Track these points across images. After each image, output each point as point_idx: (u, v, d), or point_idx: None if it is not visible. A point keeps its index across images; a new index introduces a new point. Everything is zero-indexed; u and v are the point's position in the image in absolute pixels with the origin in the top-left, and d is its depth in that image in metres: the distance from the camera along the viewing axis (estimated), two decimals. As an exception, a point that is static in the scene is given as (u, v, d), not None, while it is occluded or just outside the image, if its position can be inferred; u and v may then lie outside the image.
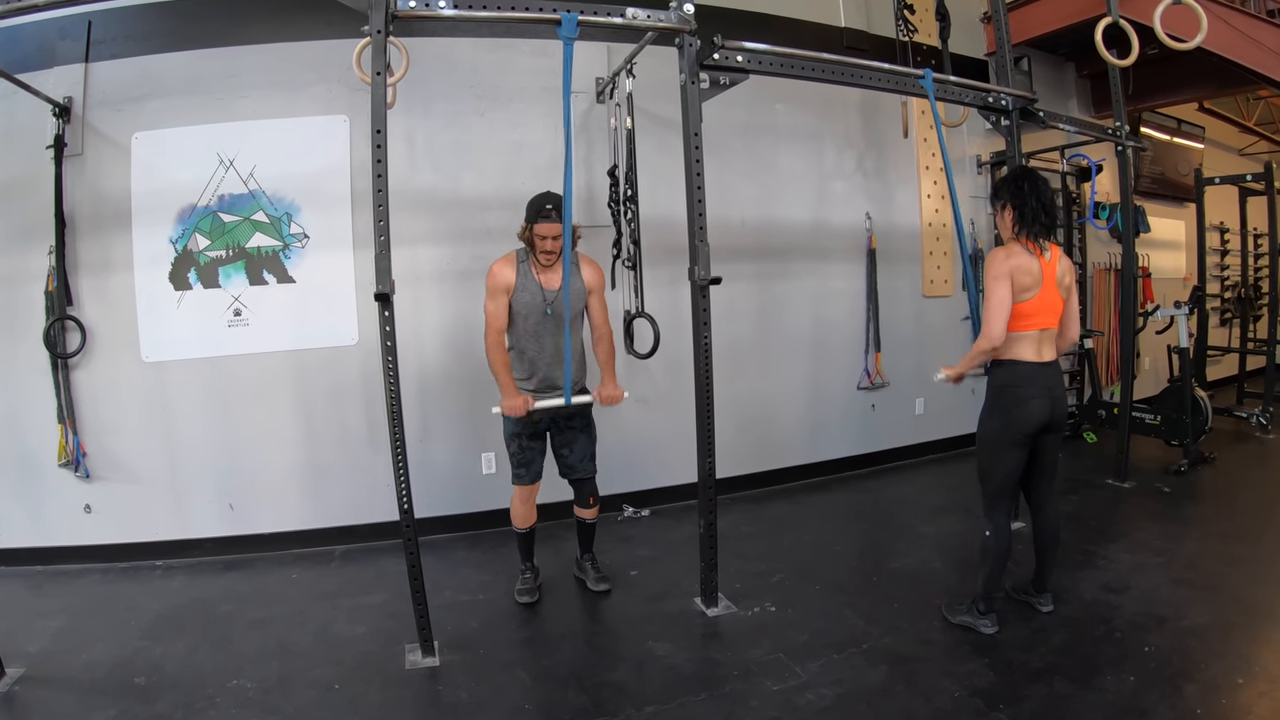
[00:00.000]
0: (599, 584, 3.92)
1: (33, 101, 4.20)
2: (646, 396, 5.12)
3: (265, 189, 4.53)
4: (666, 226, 4.70)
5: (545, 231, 3.50)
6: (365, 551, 4.57)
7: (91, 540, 4.52)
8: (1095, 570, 3.94)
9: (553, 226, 3.47)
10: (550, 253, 3.53)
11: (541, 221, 3.49)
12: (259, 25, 4.53)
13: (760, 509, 5.24)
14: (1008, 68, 4.77)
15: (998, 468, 3.28)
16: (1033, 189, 3.22)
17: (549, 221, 3.48)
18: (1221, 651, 3.10)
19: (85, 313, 4.43)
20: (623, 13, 3.32)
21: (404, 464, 3.15)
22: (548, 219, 3.48)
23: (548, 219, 3.48)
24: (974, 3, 6.57)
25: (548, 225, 3.48)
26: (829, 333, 5.91)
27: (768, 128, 5.55)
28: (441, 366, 4.76)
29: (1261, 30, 5.54)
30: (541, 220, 3.49)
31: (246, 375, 4.58)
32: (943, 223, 6.30)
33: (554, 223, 3.47)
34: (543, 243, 3.52)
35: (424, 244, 4.65)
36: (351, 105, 4.50)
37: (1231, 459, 6.07)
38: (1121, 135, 5.18)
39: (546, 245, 3.52)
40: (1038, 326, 3.21)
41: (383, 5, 3.00)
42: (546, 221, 3.48)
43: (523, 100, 4.82)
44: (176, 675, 3.20)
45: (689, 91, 3.47)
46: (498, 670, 3.18)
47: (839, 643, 3.31)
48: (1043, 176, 3.32)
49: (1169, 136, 8.51)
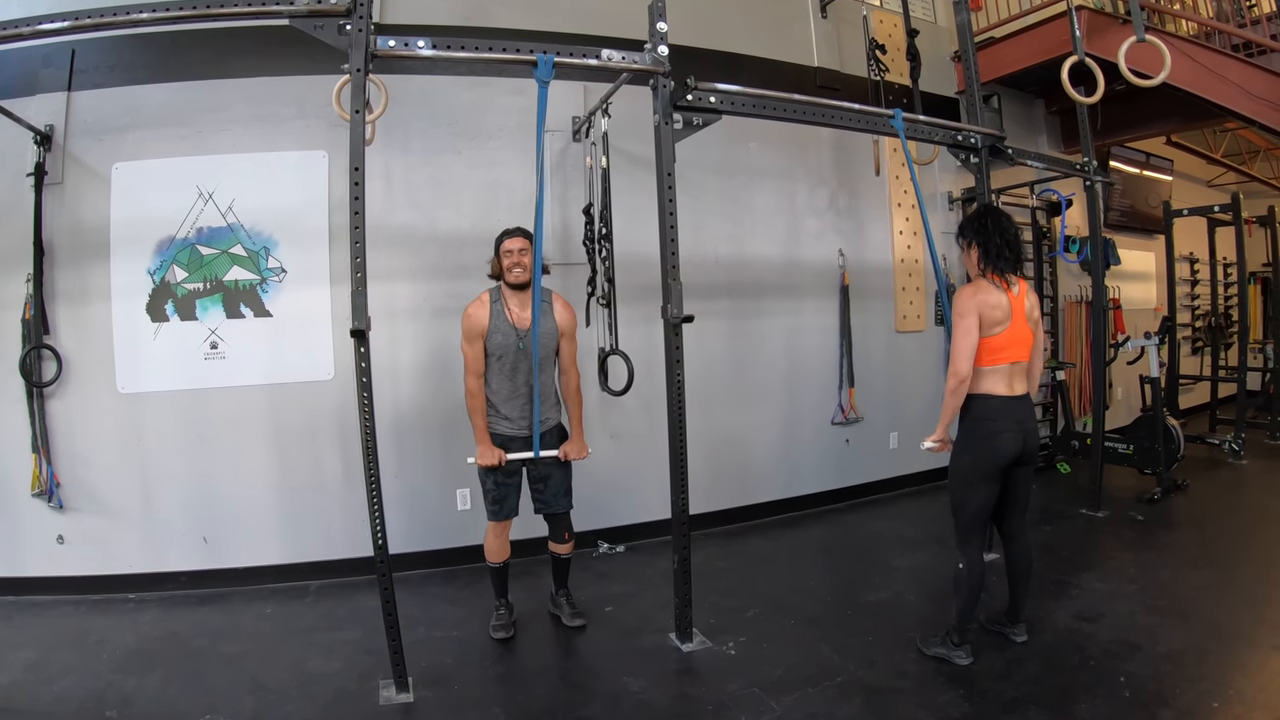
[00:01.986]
0: (574, 619, 3.91)
1: (14, 128, 4.21)
2: (621, 433, 5.13)
3: (244, 222, 4.55)
4: (640, 264, 4.75)
5: (511, 245, 3.57)
6: (340, 587, 4.53)
7: (64, 572, 4.46)
8: (1069, 600, 3.96)
9: (516, 240, 3.55)
10: (519, 266, 3.56)
11: (505, 239, 3.57)
12: (241, 59, 4.56)
13: (735, 544, 5.23)
14: (977, 106, 4.89)
15: (970, 501, 3.31)
16: (996, 226, 3.29)
17: (511, 237, 3.56)
18: (1196, 677, 3.14)
19: (62, 342, 4.41)
20: (598, 54, 3.39)
21: (379, 500, 3.14)
22: (510, 235, 3.57)
23: (510, 235, 3.57)
24: (945, 42, 6.73)
25: (511, 240, 3.56)
26: (803, 368, 5.95)
27: (741, 166, 5.62)
28: (416, 402, 4.76)
29: (1226, 65, 5.68)
30: (505, 238, 3.58)
31: (222, 408, 4.56)
32: (915, 259, 6.40)
33: (515, 237, 3.54)
34: (509, 257, 3.57)
35: (400, 280, 4.67)
36: (330, 141, 4.53)
37: (1205, 486, 6.16)
38: (1089, 171, 5.29)
39: (513, 259, 3.56)
40: (1008, 360, 3.25)
41: (363, 44, 3.05)
42: (509, 237, 3.57)
43: (500, 138, 4.87)
44: (148, 710, 3.17)
45: (663, 132, 3.53)
46: (472, 707, 3.15)
47: (814, 676, 3.30)
48: (1005, 213, 3.39)
49: (1138, 170, 8.67)
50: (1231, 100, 5.79)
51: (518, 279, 3.59)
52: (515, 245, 3.56)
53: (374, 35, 3.09)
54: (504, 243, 3.59)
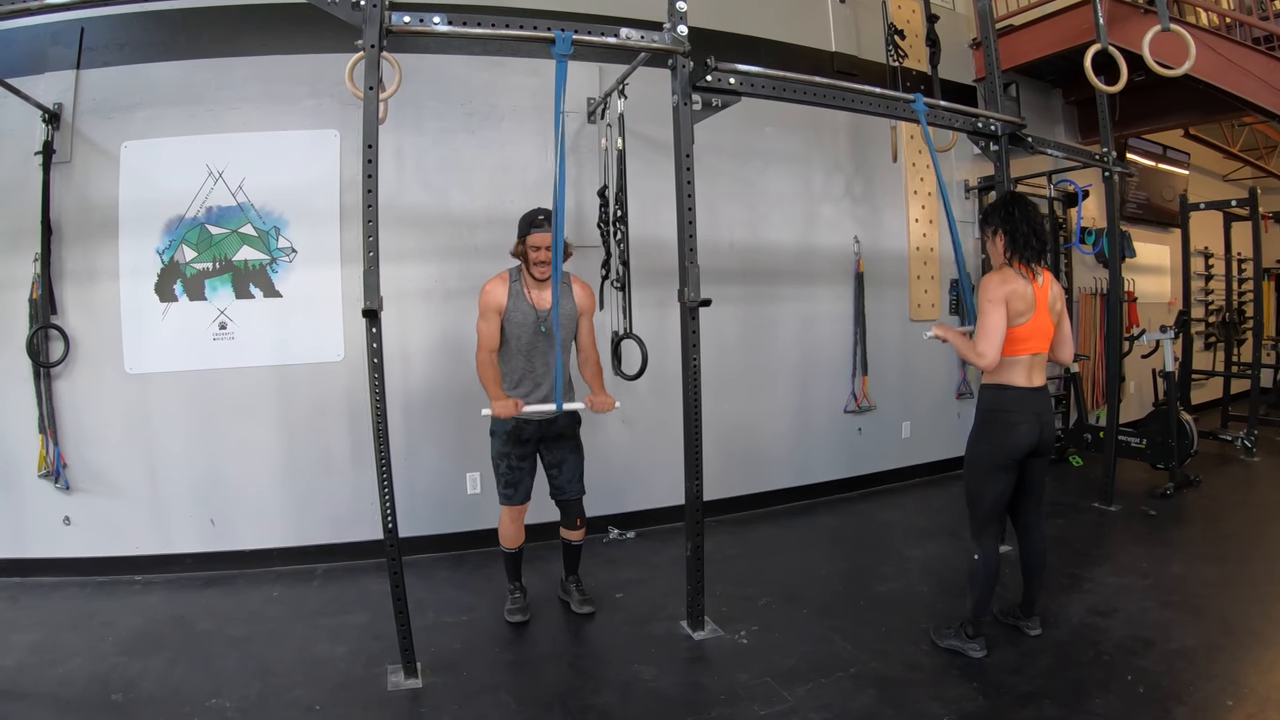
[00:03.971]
0: (583, 606, 3.89)
1: (22, 106, 4.18)
2: (633, 418, 5.10)
3: (254, 202, 4.51)
4: (655, 248, 4.72)
5: (538, 242, 3.50)
6: (347, 570, 4.52)
7: (70, 553, 4.45)
8: (1082, 594, 3.93)
9: (545, 236, 3.48)
10: (543, 263, 3.52)
11: (534, 232, 3.50)
12: (252, 37, 4.51)
13: (746, 532, 5.21)
14: (997, 93, 4.82)
15: (986, 491, 3.27)
16: (1023, 214, 3.24)
17: (541, 231, 3.49)
18: (1210, 674, 3.11)
19: (69, 322, 4.39)
20: (616, 33, 3.32)
21: (389, 482, 3.11)
22: (540, 229, 3.50)
23: (540, 229, 3.50)
24: (963, 29, 6.65)
25: (540, 235, 3.49)
26: (816, 356, 5.91)
27: (757, 151, 5.56)
28: (427, 385, 4.73)
29: (1248, 57, 5.60)
30: (534, 231, 3.50)
31: (230, 389, 4.54)
32: (930, 247, 6.35)
33: (546, 232, 3.47)
34: (536, 253, 3.52)
35: (411, 261, 4.62)
36: (342, 120, 4.49)
37: (1217, 482, 6.11)
38: (1109, 161, 5.23)
39: (540, 255, 3.52)
40: (1030, 351, 3.21)
41: (377, 20, 3.00)
42: (539, 231, 3.49)
43: (514, 119, 4.82)
44: (154, 693, 3.15)
45: (681, 113, 3.47)
46: (481, 693, 3.13)
47: (826, 667, 3.28)
48: (1032, 201, 3.34)
49: (1154, 162, 8.59)
50: (1253, 93, 5.71)
51: (543, 275, 3.55)
52: (543, 242, 3.48)
53: (388, 11, 3.05)
54: (532, 236, 3.51)
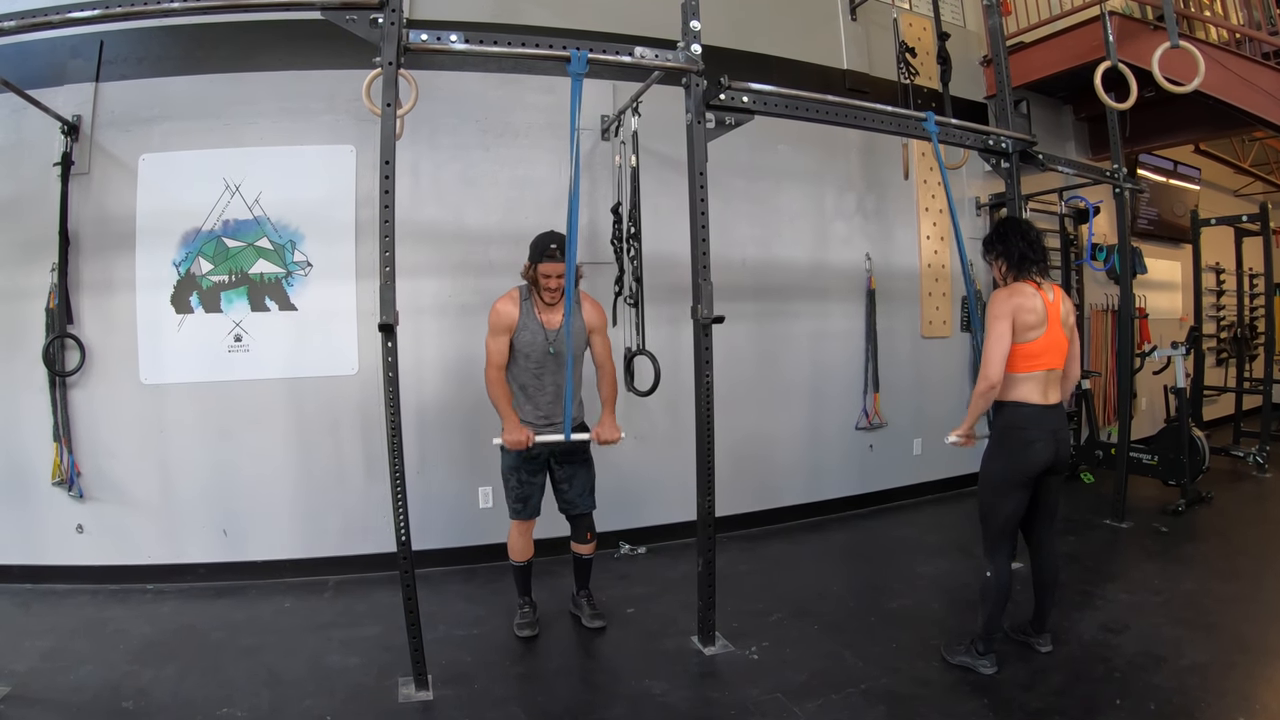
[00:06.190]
0: (594, 620, 3.89)
1: (41, 118, 4.22)
2: (645, 434, 5.09)
3: (270, 215, 4.55)
4: (667, 265, 4.74)
5: (549, 271, 3.50)
6: (359, 583, 4.53)
7: (82, 561, 4.47)
8: (1094, 610, 3.92)
9: (556, 266, 3.48)
10: (554, 291, 3.54)
11: (546, 261, 3.50)
12: (269, 53, 4.56)
13: (757, 548, 5.20)
14: (1008, 110, 4.84)
15: (1000, 509, 3.26)
16: (1016, 233, 3.28)
17: (553, 261, 3.48)
18: (1222, 690, 3.10)
19: (85, 332, 4.42)
20: (631, 52, 3.36)
21: (403, 496, 3.13)
22: (551, 259, 3.48)
23: (551, 259, 3.48)
24: (974, 46, 6.68)
25: (551, 265, 3.49)
26: (827, 372, 5.91)
27: (769, 169, 5.58)
28: (440, 399, 4.75)
29: (1258, 73, 5.62)
30: (546, 260, 3.49)
31: (245, 401, 4.57)
32: (942, 264, 6.35)
33: (558, 262, 3.47)
34: (546, 281, 3.53)
35: (426, 276, 4.65)
36: (359, 135, 4.54)
37: (1229, 498, 6.08)
38: (1119, 177, 5.23)
39: (550, 284, 3.53)
40: (1044, 367, 3.21)
41: (394, 37, 3.04)
42: (550, 261, 3.49)
43: (529, 136, 4.86)
44: (165, 701, 3.16)
45: (695, 131, 3.50)
46: (492, 706, 3.14)
47: (837, 683, 3.28)
48: (1024, 220, 3.40)
49: (1165, 178, 8.58)
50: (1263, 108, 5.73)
51: (552, 301, 3.57)
52: (554, 271, 3.49)
53: (406, 29, 3.09)
54: (542, 265, 3.50)
